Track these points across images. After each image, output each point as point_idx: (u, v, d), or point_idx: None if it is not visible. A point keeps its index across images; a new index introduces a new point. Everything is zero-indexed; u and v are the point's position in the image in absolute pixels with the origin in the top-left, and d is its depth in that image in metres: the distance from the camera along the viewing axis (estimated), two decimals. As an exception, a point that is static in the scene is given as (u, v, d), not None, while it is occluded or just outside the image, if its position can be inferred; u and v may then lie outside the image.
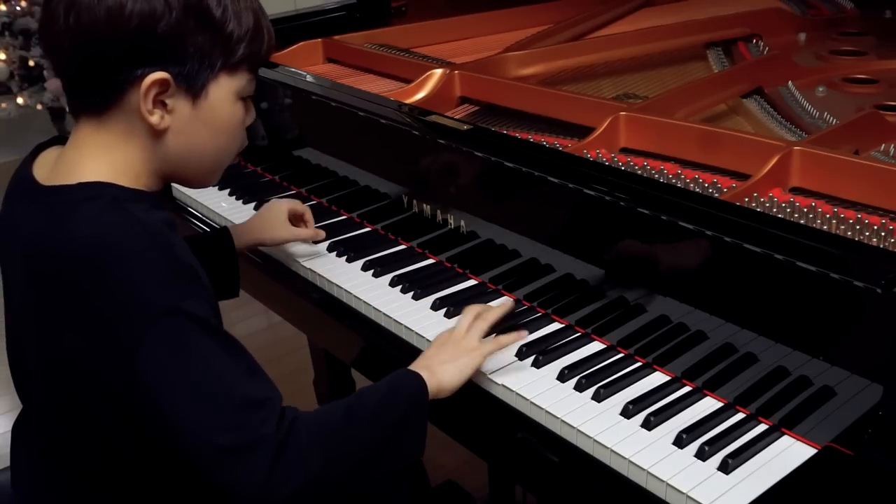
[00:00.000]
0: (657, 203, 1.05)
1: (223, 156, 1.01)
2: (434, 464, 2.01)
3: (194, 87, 0.93)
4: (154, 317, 0.85)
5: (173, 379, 0.86)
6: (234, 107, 0.97)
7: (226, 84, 0.95)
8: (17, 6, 3.64)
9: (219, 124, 0.97)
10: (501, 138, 1.32)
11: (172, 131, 0.94)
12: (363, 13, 2.04)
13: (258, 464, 0.85)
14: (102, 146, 0.94)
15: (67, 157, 0.96)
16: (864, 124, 1.31)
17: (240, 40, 0.94)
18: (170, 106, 0.92)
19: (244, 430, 0.86)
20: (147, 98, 0.90)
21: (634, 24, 1.94)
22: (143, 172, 0.96)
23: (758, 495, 0.88)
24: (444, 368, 1.04)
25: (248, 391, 0.88)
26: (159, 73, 0.90)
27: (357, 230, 1.49)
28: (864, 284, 0.86)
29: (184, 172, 1.00)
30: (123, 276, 0.86)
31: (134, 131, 0.93)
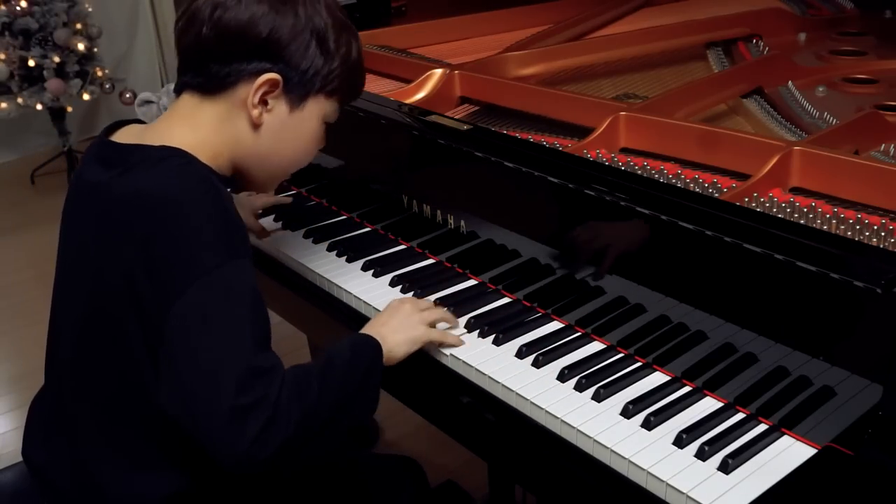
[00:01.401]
0: (657, 203, 1.05)
1: (294, 165, 1.14)
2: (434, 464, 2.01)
3: (297, 97, 1.06)
4: (207, 267, 0.94)
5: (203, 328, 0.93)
6: (319, 126, 1.11)
7: (321, 104, 1.09)
8: (17, 6, 3.64)
9: (303, 135, 1.10)
10: (501, 138, 1.32)
11: (265, 128, 1.06)
12: (363, 13, 2.04)
13: (250, 428, 0.91)
14: (197, 121, 1.05)
15: (160, 126, 1.07)
16: (864, 124, 1.31)
17: (343, 72, 1.08)
18: (270, 105, 1.05)
19: (252, 391, 0.92)
20: (257, 92, 1.03)
21: (634, 24, 1.95)
22: (222, 155, 1.06)
23: (758, 495, 0.88)
24: (396, 338, 1.12)
25: (259, 361, 0.94)
26: (274, 74, 1.03)
27: (357, 230, 1.49)
28: (864, 284, 0.86)
29: (257, 168, 1.11)
30: (188, 224, 0.95)
31: (231, 118, 1.05)
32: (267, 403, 0.92)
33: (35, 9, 3.67)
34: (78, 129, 4.38)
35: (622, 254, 1.11)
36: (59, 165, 4.11)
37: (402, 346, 1.12)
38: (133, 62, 4.50)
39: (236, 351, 0.93)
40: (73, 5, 3.80)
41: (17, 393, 2.45)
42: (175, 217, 0.95)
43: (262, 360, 0.94)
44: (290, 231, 1.51)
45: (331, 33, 1.06)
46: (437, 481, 1.85)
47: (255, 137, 1.06)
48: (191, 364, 0.92)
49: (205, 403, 0.91)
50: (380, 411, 1.09)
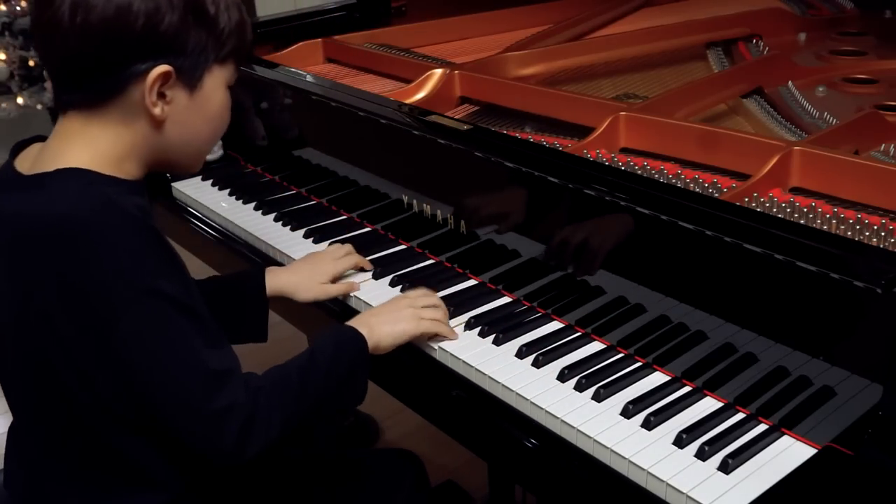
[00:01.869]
0: (657, 203, 1.05)
1: (212, 141, 1.08)
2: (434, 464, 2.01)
3: (192, 79, 0.98)
4: (130, 296, 0.91)
5: (149, 355, 0.92)
6: (224, 95, 1.04)
7: (217, 74, 1.01)
8: (17, 6, 3.64)
9: (211, 112, 1.03)
10: (501, 138, 1.32)
11: (170, 121, 0.99)
12: (363, 13, 2.04)
13: (229, 430, 0.94)
14: (89, 137, 0.97)
15: (51, 149, 0.99)
16: (864, 124, 1.31)
17: (230, 34, 1.00)
18: (169, 97, 0.97)
19: (217, 399, 0.94)
20: (152, 91, 0.95)
21: (634, 24, 1.95)
22: (128, 160, 0.99)
23: (758, 495, 0.88)
24: (383, 330, 1.13)
25: (216, 364, 0.95)
26: (164, 67, 0.95)
27: (357, 230, 1.49)
28: (864, 284, 0.86)
29: (175, 159, 1.04)
30: (100, 255, 0.90)
31: (130, 123, 0.97)
32: (238, 407, 0.94)
33: (35, 9, 3.67)
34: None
35: (622, 254, 1.11)
36: (59, 165, 4.11)
37: (389, 337, 1.12)
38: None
39: (188, 365, 0.93)
40: (74, 5, 3.80)
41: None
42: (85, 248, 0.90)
43: (220, 362, 0.95)
44: (291, 231, 1.50)
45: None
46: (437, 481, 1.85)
47: (162, 132, 0.99)
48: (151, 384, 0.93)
49: (178, 417, 0.94)
50: (380, 411, 1.10)
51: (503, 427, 1.07)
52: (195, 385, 0.93)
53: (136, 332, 0.92)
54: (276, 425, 0.97)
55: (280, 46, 1.84)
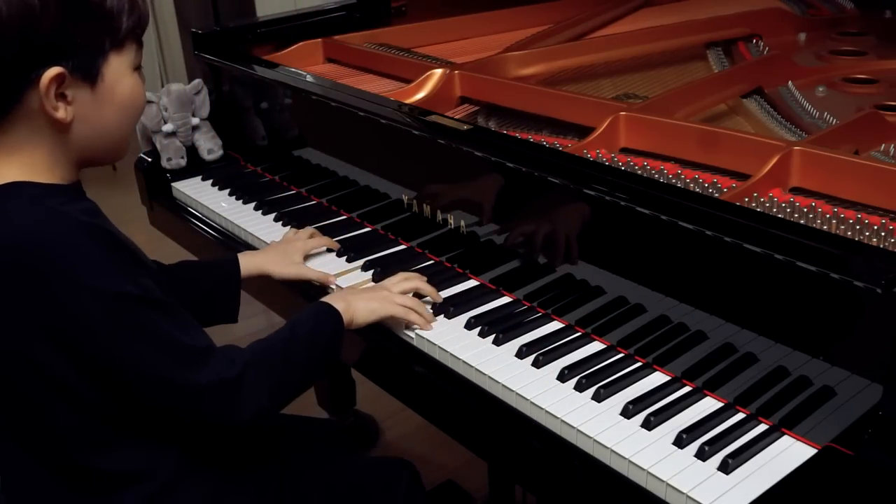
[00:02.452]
0: (657, 203, 1.05)
1: (129, 127, 1.03)
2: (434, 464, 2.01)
3: (90, 74, 0.94)
4: (101, 306, 0.91)
5: (131, 352, 0.94)
6: (130, 79, 0.99)
7: (117, 62, 0.96)
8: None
9: (120, 101, 0.98)
10: (501, 138, 1.32)
11: (77, 120, 0.95)
12: (363, 13, 2.04)
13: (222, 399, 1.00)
14: (10, 150, 0.95)
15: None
16: (864, 124, 1.31)
17: (120, 16, 0.94)
18: (70, 97, 0.93)
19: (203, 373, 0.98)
20: (49, 95, 0.91)
21: (634, 24, 1.94)
22: (56, 165, 0.97)
23: (758, 495, 0.88)
24: (359, 306, 1.18)
25: (193, 344, 0.99)
26: (54, 70, 0.90)
27: (357, 230, 1.49)
28: (864, 284, 0.86)
29: (96, 153, 1.01)
30: (62, 272, 0.89)
31: (38, 130, 0.94)
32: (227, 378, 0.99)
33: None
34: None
35: (622, 254, 1.11)
36: (59, 165, 4.11)
37: (363, 313, 1.18)
38: (133, 62, 4.50)
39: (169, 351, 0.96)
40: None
41: None
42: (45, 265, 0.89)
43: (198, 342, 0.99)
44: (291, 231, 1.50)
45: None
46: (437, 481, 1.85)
47: (74, 133, 0.95)
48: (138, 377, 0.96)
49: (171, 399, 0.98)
50: (380, 411, 1.10)
51: (503, 427, 1.07)
52: (180, 365, 0.97)
53: (113, 337, 0.93)
54: (265, 393, 1.03)
55: (280, 46, 1.84)
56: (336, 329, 1.15)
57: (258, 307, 1.57)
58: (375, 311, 1.19)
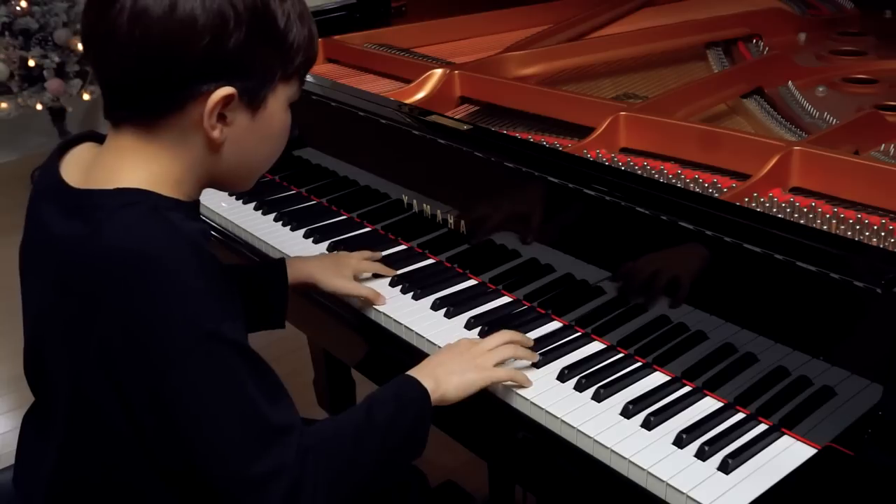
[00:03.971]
0: (657, 203, 1.05)
1: (270, 161, 1.00)
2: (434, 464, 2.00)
3: (255, 100, 0.91)
4: (193, 339, 0.84)
5: (204, 402, 0.85)
6: (285, 114, 0.97)
7: (282, 93, 0.94)
8: (17, 6, 3.64)
9: (271, 132, 0.96)
10: (501, 138, 1.32)
11: (228, 143, 0.92)
12: (363, 13, 2.04)
13: (273, 496, 0.86)
14: (146, 155, 0.90)
15: (105, 163, 0.93)
16: (864, 124, 1.31)
17: (298, 50, 0.92)
18: (229, 119, 0.90)
19: (267, 458, 0.86)
20: (212, 114, 0.88)
21: (634, 24, 1.94)
22: (186, 181, 0.93)
23: (758, 495, 0.88)
24: (451, 380, 1.03)
25: (275, 419, 0.88)
26: (227, 89, 0.87)
27: (357, 230, 1.49)
28: (864, 284, 0.86)
29: (230, 180, 0.98)
30: (162, 292, 0.83)
31: (187, 143, 0.90)
32: (288, 469, 0.87)
33: (35, 9, 3.67)
34: (78, 129, 4.37)
35: (622, 254, 1.11)
36: (59, 165, 4.11)
37: (455, 390, 1.03)
38: (133, 62, 4.49)
39: (244, 417, 0.86)
40: (73, 5, 3.79)
41: (16, 393, 2.44)
42: (148, 284, 0.83)
43: (279, 417, 0.88)
44: (290, 231, 1.50)
45: (277, 10, 0.88)
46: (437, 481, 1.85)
47: (220, 154, 0.92)
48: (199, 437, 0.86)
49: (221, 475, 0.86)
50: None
51: (503, 427, 1.07)
52: (247, 439, 0.86)
53: (193, 376, 0.84)
54: (323, 491, 0.89)
55: (280, 46, 1.84)
56: (418, 416, 0.99)
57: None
58: (474, 384, 1.04)
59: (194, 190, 0.95)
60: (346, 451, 0.93)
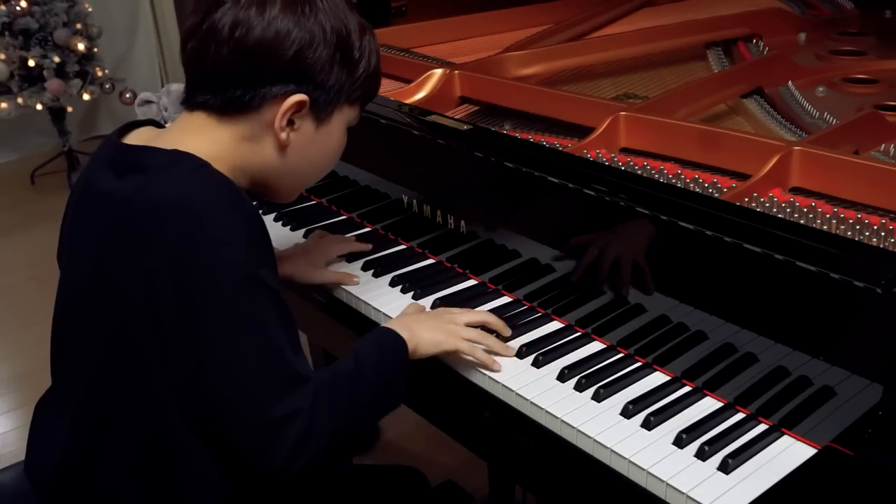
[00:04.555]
0: (657, 203, 1.05)
1: (319, 175, 1.11)
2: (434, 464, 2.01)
3: (323, 113, 1.02)
4: (233, 279, 0.91)
5: (236, 343, 0.91)
6: (343, 135, 1.08)
7: (345, 114, 1.05)
8: (17, 6, 3.64)
9: (329, 147, 1.07)
10: (501, 138, 1.32)
11: (291, 148, 1.02)
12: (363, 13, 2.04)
13: (287, 439, 0.93)
14: (212, 137, 0.99)
15: (170, 135, 1.01)
16: (864, 124, 1.31)
17: (366, 79, 1.04)
18: (297, 125, 1.01)
19: (287, 403, 0.93)
20: (284, 115, 0.99)
21: (634, 24, 1.95)
22: (240, 170, 1.01)
23: (758, 495, 0.88)
24: (423, 336, 1.10)
25: (297, 367, 0.95)
26: (301, 96, 0.98)
27: (357, 230, 1.49)
28: (864, 284, 0.86)
29: (281, 183, 1.07)
30: (213, 234, 0.91)
31: (255, 138, 1.00)
32: (304, 415, 0.93)
33: (35, 9, 3.67)
34: (78, 129, 4.38)
35: (622, 254, 1.11)
36: (59, 165, 4.11)
37: (426, 344, 1.10)
38: (133, 62, 4.50)
39: (271, 360, 0.93)
40: (73, 5, 3.80)
41: (17, 393, 2.44)
42: (196, 227, 0.91)
43: (299, 367, 0.95)
44: (291, 231, 1.50)
45: (355, 40, 1.01)
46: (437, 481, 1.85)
47: (281, 157, 1.02)
48: (225, 377, 0.91)
49: (241, 416, 0.92)
50: (380, 411, 1.09)
51: (503, 427, 1.07)
52: (272, 383, 0.92)
53: (229, 316, 0.91)
54: (326, 434, 0.96)
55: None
56: (398, 364, 1.07)
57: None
58: (440, 344, 1.11)
59: (243, 181, 1.03)
60: (343, 397, 1.00)
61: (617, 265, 1.11)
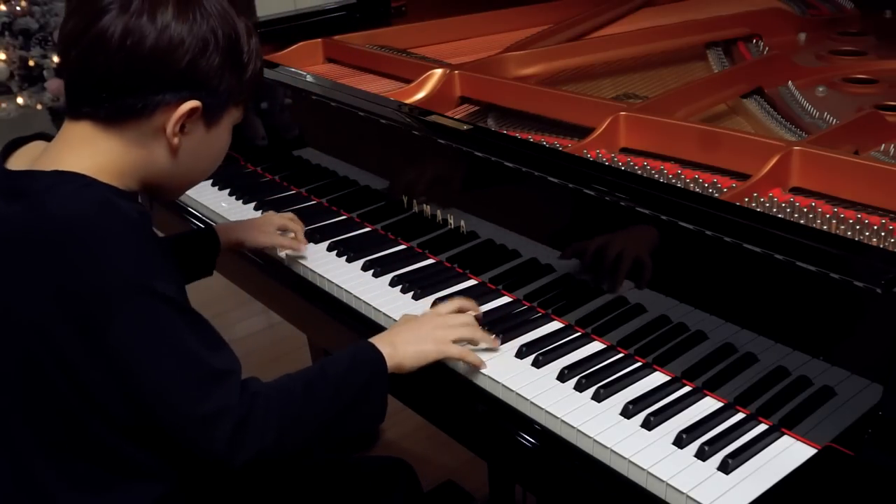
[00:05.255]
0: (657, 203, 1.05)
1: (204, 175, 1.11)
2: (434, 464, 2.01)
3: (213, 117, 1.01)
4: (126, 293, 0.90)
5: (143, 353, 0.92)
6: (229, 135, 1.08)
7: (233, 115, 1.05)
8: (17, 6, 3.64)
9: (216, 148, 1.07)
10: (501, 138, 1.32)
11: (182, 151, 1.01)
12: (363, 13, 2.04)
13: (221, 433, 0.93)
14: (96, 147, 0.97)
15: (52, 151, 1.00)
16: (864, 124, 1.31)
17: (251, 80, 1.04)
18: (188, 129, 0.99)
19: (210, 400, 0.93)
20: (178, 122, 0.97)
21: (634, 24, 1.95)
22: (127, 176, 0.99)
23: (758, 495, 0.88)
24: (407, 349, 1.09)
25: (212, 364, 0.95)
26: (195, 103, 0.97)
27: (357, 230, 1.49)
28: (864, 284, 0.86)
29: (168, 186, 1.05)
30: (97, 252, 0.90)
31: (144, 144, 0.98)
32: (233, 409, 0.94)
33: (35, 9, 3.67)
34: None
35: (622, 254, 1.11)
36: (59, 165, 4.11)
37: (411, 358, 1.09)
38: (133, 62, 4.49)
39: (183, 364, 0.93)
40: (73, 5, 3.80)
41: None
42: (80, 247, 0.90)
43: (217, 363, 0.95)
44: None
45: (243, 45, 1.01)
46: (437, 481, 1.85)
47: (172, 161, 1.01)
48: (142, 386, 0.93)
49: (170, 418, 0.94)
50: (379, 411, 1.09)
51: (503, 427, 1.07)
52: (190, 384, 0.93)
53: (130, 331, 0.91)
54: (272, 434, 0.96)
55: (280, 46, 1.84)
56: (373, 374, 1.05)
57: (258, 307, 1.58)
58: (428, 355, 1.10)
59: (134, 184, 1.01)
60: (295, 396, 0.99)
61: (617, 265, 1.11)
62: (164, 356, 0.92)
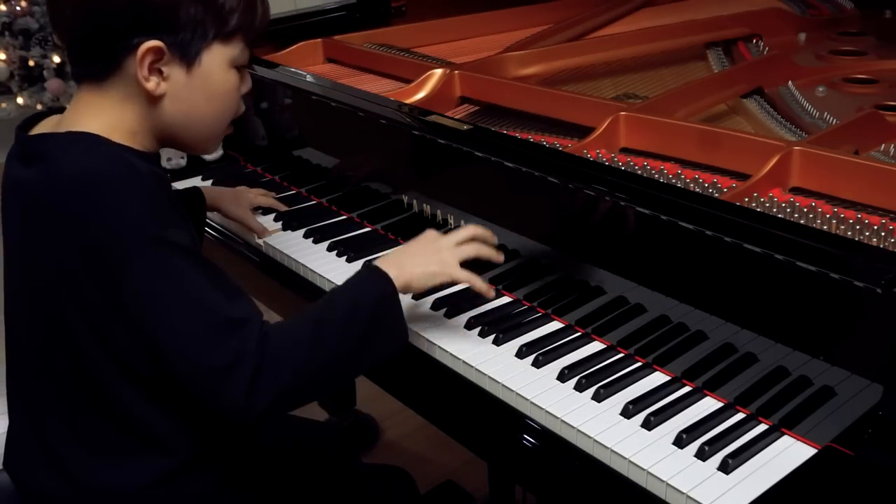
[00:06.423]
0: (657, 203, 1.05)
1: (219, 122, 1.07)
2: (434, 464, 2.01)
3: (188, 56, 0.99)
4: (140, 244, 0.92)
5: (159, 302, 0.93)
6: (227, 74, 1.03)
7: (219, 53, 1.01)
8: (17, 6, 3.64)
9: (212, 91, 1.03)
10: (501, 138, 1.32)
11: (168, 97, 1.00)
12: (363, 13, 2.04)
13: (239, 382, 0.93)
14: (100, 109, 1.00)
15: (66, 118, 1.03)
16: (864, 124, 1.31)
17: (232, 11, 1.00)
18: (165, 73, 0.99)
19: (226, 348, 0.93)
20: (143, 65, 0.97)
21: (634, 24, 1.95)
22: (140, 132, 1.01)
23: (758, 495, 0.88)
24: (414, 270, 1.09)
25: (229, 312, 0.95)
26: (153, 42, 0.96)
27: (357, 230, 1.49)
28: (864, 284, 0.86)
29: (182, 136, 1.05)
30: (111, 204, 0.92)
31: (132, 97, 0.99)
32: (249, 356, 0.93)
33: (35, 9, 3.67)
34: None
35: (622, 254, 1.11)
36: (59, 165, 4.11)
37: (420, 277, 1.09)
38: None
39: (200, 311, 0.94)
40: (73, 5, 3.80)
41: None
42: (96, 199, 0.92)
43: (235, 311, 0.95)
44: (291, 231, 1.50)
45: None
46: (437, 481, 1.85)
47: (162, 108, 1.01)
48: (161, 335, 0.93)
49: (187, 368, 0.94)
50: (380, 411, 1.09)
51: (503, 427, 1.07)
52: (207, 331, 0.93)
53: (146, 280, 0.92)
54: (287, 376, 0.95)
55: (280, 46, 1.84)
56: (383, 295, 1.04)
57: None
58: (435, 276, 1.10)
59: (150, 143, 1.03)
60: (306, 333, 0.99)
61: (617, 265, 1.11)
62: (179, 304, 0.93)
